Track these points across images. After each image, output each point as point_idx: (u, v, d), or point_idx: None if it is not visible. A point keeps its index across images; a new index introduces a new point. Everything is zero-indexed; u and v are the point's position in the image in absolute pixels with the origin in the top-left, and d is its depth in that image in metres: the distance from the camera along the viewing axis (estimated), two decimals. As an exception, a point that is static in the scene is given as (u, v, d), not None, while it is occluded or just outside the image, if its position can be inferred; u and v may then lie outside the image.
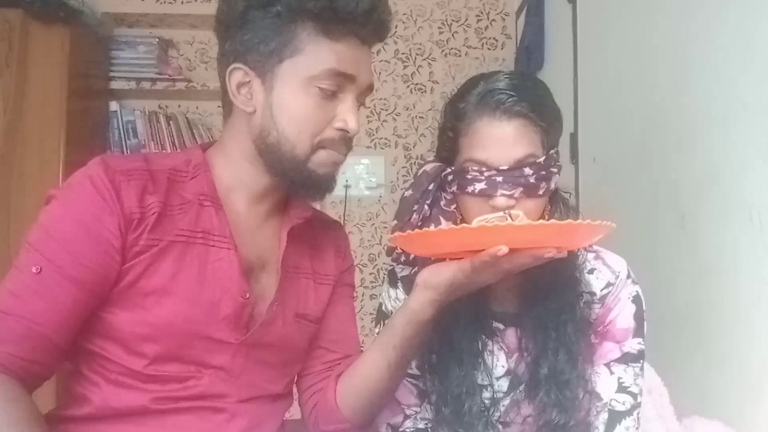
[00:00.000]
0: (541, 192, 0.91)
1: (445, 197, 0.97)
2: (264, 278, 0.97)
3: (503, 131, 0.89)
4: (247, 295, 0.92)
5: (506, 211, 0.81)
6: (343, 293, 1.10)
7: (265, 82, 0.91)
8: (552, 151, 0.93)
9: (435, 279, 0.85)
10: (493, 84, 0.91)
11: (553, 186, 0.93)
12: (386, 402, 1.03)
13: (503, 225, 0.75)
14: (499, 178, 0.89)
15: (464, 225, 0.78)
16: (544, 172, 0.90)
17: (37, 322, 0.82)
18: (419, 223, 0.95)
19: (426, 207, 0.96)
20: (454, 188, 0.94)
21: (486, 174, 0.89)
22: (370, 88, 0.96)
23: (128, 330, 0.87)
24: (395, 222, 0.97)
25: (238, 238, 0.94)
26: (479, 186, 0.90)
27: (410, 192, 0.97)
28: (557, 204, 0.98)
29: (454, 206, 0.97)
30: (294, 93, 0.90)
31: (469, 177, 0.90)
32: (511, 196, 0.89)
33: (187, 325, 0.88)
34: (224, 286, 0.91)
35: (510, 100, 0.89)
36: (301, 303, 1.01)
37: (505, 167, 0.89)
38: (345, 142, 0.94)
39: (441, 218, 0.96)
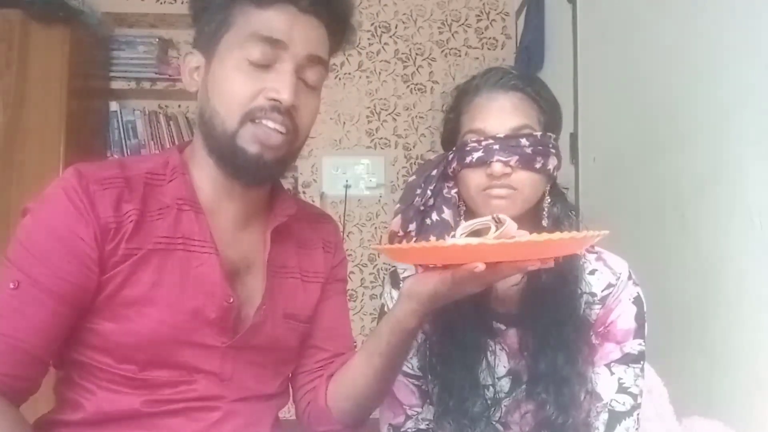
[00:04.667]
0: (537, 166, 0.93)
1: (447, 186, 0.98)
2: (250, 280, 0.96)
3: (500, 102, 0.96)
4: (231, 300, 0.91)
5: (494, 216, 0.79)
6: (334, 289, 1.08)
7: (207, 63, 0.92)
8: (550, 134, 0.96)
9: (417, 289, 0.84)
10: (495, 67, 1.01)
11: (551, 166, 0.95)
12: (377, 405, 1.02)
13: (475, 244, 0.72)
14: (496, 146, 0.93)
15: (435, 243, 0.76)
16: (540, 147, 0.94)
17: (17, 338, 0.82)
18: (421, 208, 0.96)
19: (429, 192, 0.96)
20: (455, 165, 0.96)
21: (483, 143, 0.93)
22: (312, 59, 0.91)
23: (114, 340, 0.86)
24: (398, 205, 0.97)
25: (220, 242, 0.92)
26: (477, 155, 0.94)
27: (413, 177, 0.98)
28: (556, 197, 0.99)
29: (455, 191, 0.98)
30: (225, 68, 0.89)
31: (468, 148, 0.94)
32: (507, 164, 0.92)
33: (172, 333, 0.87)
34: (207, 291, 0.89)
35: (508, 75, 0.97)
36: (290, 303, 1.00)
37: (501, 135, 0.93)
38: (279, 112, 0.88)
39: (444, 207, 0.96)
